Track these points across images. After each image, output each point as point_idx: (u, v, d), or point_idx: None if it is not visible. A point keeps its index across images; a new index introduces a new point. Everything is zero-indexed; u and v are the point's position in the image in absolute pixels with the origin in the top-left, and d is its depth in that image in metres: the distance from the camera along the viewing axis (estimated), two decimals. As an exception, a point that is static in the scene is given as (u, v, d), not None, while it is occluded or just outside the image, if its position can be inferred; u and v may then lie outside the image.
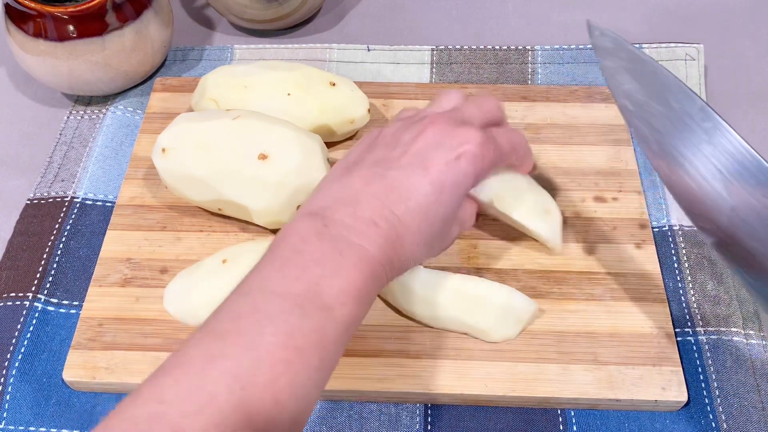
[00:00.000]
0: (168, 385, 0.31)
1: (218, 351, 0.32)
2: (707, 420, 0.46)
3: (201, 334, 0.33)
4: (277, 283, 0.35)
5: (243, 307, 0.34)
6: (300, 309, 0.34)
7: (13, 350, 0.49)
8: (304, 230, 0.38)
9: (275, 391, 0.32)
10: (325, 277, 0.36)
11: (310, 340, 0.34)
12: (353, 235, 0.38)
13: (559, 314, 0.49)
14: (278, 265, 0.36)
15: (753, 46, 0.69)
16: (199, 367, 0.31)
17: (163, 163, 0.52)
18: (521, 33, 0.70)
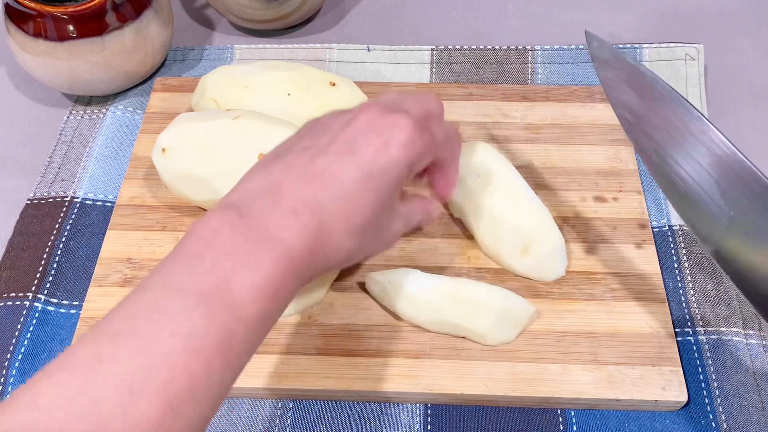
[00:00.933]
0: (46, 391, 0.28)
1: (108, 352, 0.29)
2: (707, 420, 0.46)
3: (92, 335, 0.30)
4: (182, 279, 0.32)
5: (140, 305, 0.31)
6: (205, 306, 0.31)
7: (13, 350, 0.49)
8: (217, 222, 0.35)
9: (169, 396, 0.29)
10: (236, 271, 0.33)
11: (213, 340, 0.31)
12: (270, 225, 0.35)
13: (559, 314, 0.49)
14: (185, 259, 0.33)
15: (753, 46, 0.69)
16: (83, 370, 0.28)
17: (163, 163, 0.52)
18: (521, 33, 0.70)
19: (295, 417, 0.46)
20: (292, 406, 0.47)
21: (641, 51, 0.65)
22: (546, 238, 0.50)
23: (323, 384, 0.46)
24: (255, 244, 0.34)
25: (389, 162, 0.39)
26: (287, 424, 0.46)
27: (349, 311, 0.49)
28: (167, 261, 0.34)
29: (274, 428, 0.46)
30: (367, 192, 0.38)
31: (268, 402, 0.47)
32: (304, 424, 0.46)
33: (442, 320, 0.47)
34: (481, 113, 0.61)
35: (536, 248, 0.50)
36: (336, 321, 0.49)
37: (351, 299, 0.50)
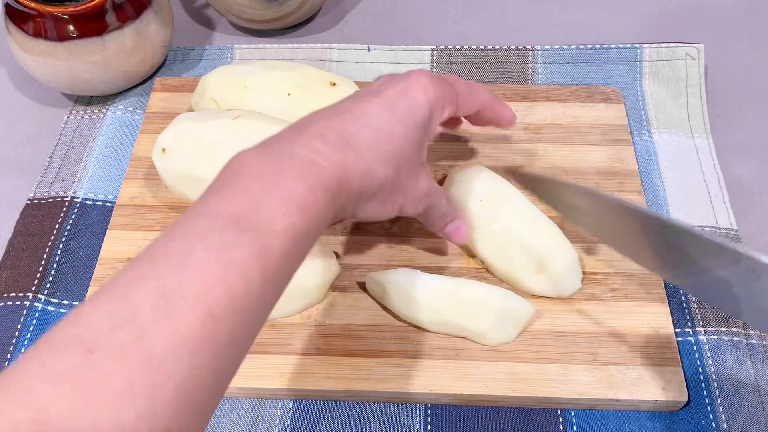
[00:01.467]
0: (88, 311, 0.29)
1: (145, 273, 0.30)
2: (707, 420, 0.46)
3: (131, 263, 0.31)
4: (213, 204, 0.33)
5: (175, 231, 0.32)
6: (236, 225, 0.32)
7: (13, 350, 0.49)
8: (245, 155, 0.36)
9: (208, 304, 0.29)
10: (264, 190, 0.34)
11: (247, 252, 0.31)
12: (296, 147, 0.36)
13: (558, 314, 0.49)
14: (216, 188, 0.35)
15: (753, 46, 0.69)
16: (122, 291, 0.29)
17: (163, 163, 0.52)
18: (521, 33, 0.70)
19: (295, 417, 0.46)
20: (292, 406, 0.47)
21: (641, 51, 0.65)
22: (560, 255, 0.49)
23: (323, 384, 0.46)
24: (280, 164, 0.35)
25: (411, 101, 0.42)
26: (287, 424, 0.46)
27: (349, 311, 0.49)
28: (202, 195, 0.35)
29: (274, 428, 0.46)
30: (395, 124, 0.41)
31: (268, 402, 0.47)
32: (304, 424, 0.46)
33: (442, 320, 0.47)
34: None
35: (551, 266, 0.49)
36: (336, 321, 0.49)
37: (351, 299, 0.50)
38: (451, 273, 0.51)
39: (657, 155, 0.59)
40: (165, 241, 0.32)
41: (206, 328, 0.29)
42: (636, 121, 0.61)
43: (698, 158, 0.59)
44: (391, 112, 0.41)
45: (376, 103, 0.41)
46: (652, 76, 0.64)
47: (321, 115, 0.40)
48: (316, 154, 0.36)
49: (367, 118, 0.40)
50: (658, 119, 0.61)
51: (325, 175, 0.36)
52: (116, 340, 0.27)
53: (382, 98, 0.41)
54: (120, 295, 0.29)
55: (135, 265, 0.31)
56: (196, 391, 0.28)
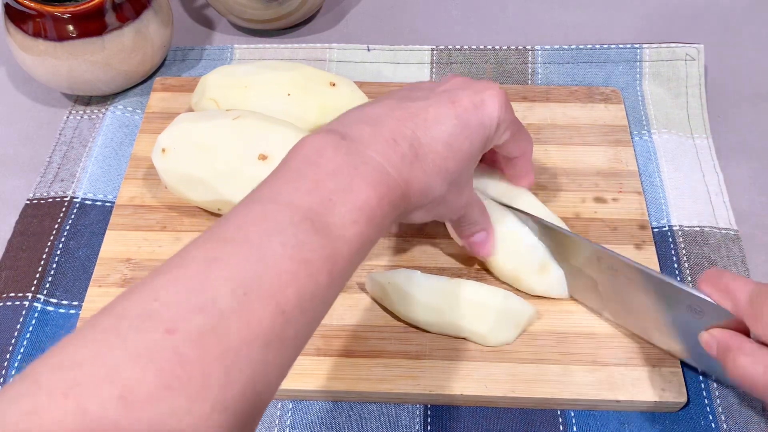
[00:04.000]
0: (164, 284, 0.29)
1: (222, 255, 0.30)
2: (707, 420, 0.46)
3: (204, 238, 0.31)
4: (289, 194, 0.33)
5: (251, 215, 0.32)
6: (310, 222, 0.32)
7: (12, 350, 0.49)
8: (320, 143, 0.36)
9: (280, 302, 0.30)
10: (338, 192, 0.34)
11: (319, 254, 0.32)
12: (370, 150, 0.36)
13: (559, 315, 0.49)
14: (291, 176, 0.35)
15: (753, 46, 0.69)
16: (200, 269, 0.29)
17: (163, 163, 0.52)
18: (521, 33, 0.70)
19: (295, 417, 0.46)
20: (292, 406, 0.47)
21: (641, 51, 0.65)
22: (554, 264, 0.50)
23: (323, 384, 0.46)
24: (356, 167, 0.35)
25: (485, 116, 0.41)
26: (287, 424, 0.46)
27: (349, 311, 0.49)
28: (272, 177, 0.35)
29: (274, 428, 0.46)
30: (464, 140, 0.40)
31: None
32: (304, 424, 0.46)
33: (442, 321, 0.47)
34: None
35: (551, 268, 0.49)
36: (336, 321, 0.49)
37: (351, 299, 0.50)
38: (451, 273, 0.51)
39: (657, 155, 0.59)
40: (238, 225, 0.32)
41: (276, 325, 0.29)
42: (636, 122, 0.61)
43: (698, 158, 0.59)
44: (464, 125, 0.40)
45: (451, 112, 0.40)
46: (652, 76, 0.64)
47: (393, 111, 0.39)
48: (389, 164, 0.36)
49: (439, 129, 0.39)
50: (658, 119, 0.61)
51: (394, 188, 0.36)
52: (195, 324, 0.27)
53: (458, 108, 0.40)
54: (196, 275, 0.29)
55: (205, 243, 0.31)
56: (262, 385, 0.29)
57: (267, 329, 0.29)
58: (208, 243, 0.31)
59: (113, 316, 0.28)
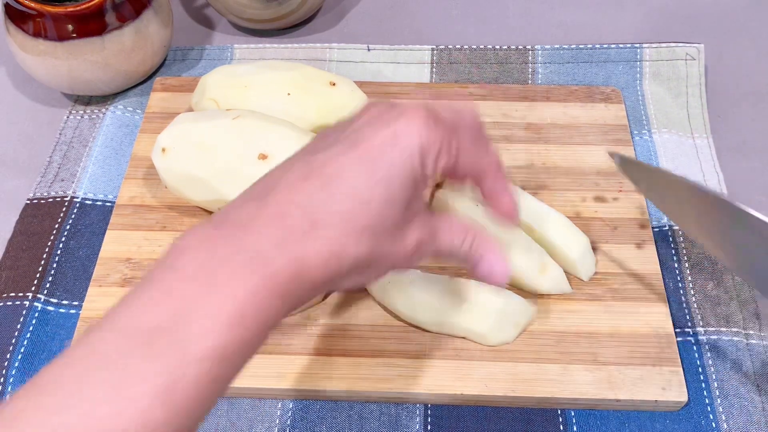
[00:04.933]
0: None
1: (25, 409, 0.26)
2: (707, 420, 0.46)
3: (27, 385, 0.27)
4: (132, 314, 0.28)
5: (79, 350, 0.28)
6: (147, 347, 0.27)
7: (12, 350, 0.49)
8: (189, 240, 0.30)
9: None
10: (194, 297, 0.28)
11: (151, 387, 0.26)
12: (249, 235, 0.30)
13: (559, 314, 0.49)
14: (143, 289, 0.29)
15: (753, 46, 0.69)
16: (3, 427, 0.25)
17: (163, 163, 0.52)
18: (521, 33, 0.70)
19: (295, 417, 0.46)
20: (292, 406, 0.47)
21: (641, 51, 0.65)
22: (573, 242, 0.50)
23: (323, 384, 0.46)
24: (223, 261, 0.29)
25: (398, 153, 0.34)
26: (287, 424, 0.46)
27: (349, 311, 0.49)
28: (128, 293, 0.30)
29: (273, 428, 0.46)
30: (375, 187, 0.33)
31: (268, 402, 0.47)
32: (304, 424, 0.46)
33: (442, 320, 0.47)
34: (481, 113, 0.60)
35: (566, 255, 0.49)
36: (336, 321, 0.49)
37: (351, 299, 0.50)
38: (451, 273, 0.51)
39: (657, 155, 0.59)
40: (63, 364, 0.27)
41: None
42: (636, 121, 0.61)
43: (698, 158, 0.59)
44: (371, 171, 0.33)
45: (354, 158, 0.33)
46: (652, 76, 0.64)
47: (289, 175, 0.33)
48: (270, 245, 0.30)
49: (339, 183, 0.32)
50: (658, 119, 0.61)
51: (275, 273, 0.30)
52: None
53: (363, 151, 0.33)
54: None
55: (27, 390, 0.27)
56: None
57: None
58: (26, 392, 0.27)
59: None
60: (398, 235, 0.35)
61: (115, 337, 0.28)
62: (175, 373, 0.27)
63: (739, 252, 0.42)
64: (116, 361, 0.27)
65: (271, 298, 0.29)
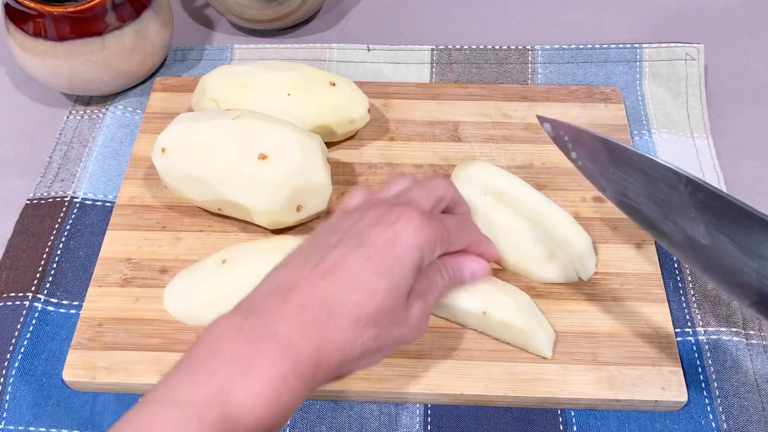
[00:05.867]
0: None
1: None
2: (707, 420, 0.46)
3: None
4: (182, 390, 0.32)
5: (137, 422, 0.31)
6: (199, 420, 0.31)
7: (12, 350, 0.49)
8: (224, 327, 0.35)
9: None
10: (236, 377, 0.32)
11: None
12: (276, 324, 0.35)
13: (559, 314, 0.49)
14: (188, 368, 0.33)
15: (753, 46, 0.69)
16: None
17: (163, 163, 0.52)
18: (521, 33, 0.70)
19: (295, 417, 0.46)
20: (292, 406, 0.47)
21: (641, 51, 0.65)
22: (575, 239, 0.49)
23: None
24: (257, 346, 0.34)
25: (400, 250, 0.38)
26: (287, 424, 0.46)
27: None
28: (172, 371, 0.34)
29: (274, 428, 0.46)
30: (379, 279, 0.37)
31: (268, 402, 0.47)
32: (304, 424, 0.46)
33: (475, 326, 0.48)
34: (481, 113, 0.61)
35: (567, 252, 0.49)
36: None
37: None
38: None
39: (657, 155, 0.59)
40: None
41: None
42: (636, 121, 0.61)
43: (698, 158, 0.59)
44: (376, 266, 0.37)
45: (360, 256, 0.38)
46: (652, 76, 0.64)
47: (303, 269, 0.38)
48: (297, 334, 0.34)
49: (350, 279, 0.37)
50: (658, 119, 0.61)
51: (302, 359, 0.34)
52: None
53: (368, 249, 0.38)
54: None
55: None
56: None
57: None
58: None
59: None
60: (401, 317, 0.39)
61: (169, 410, 0.31)
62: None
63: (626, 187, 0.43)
64: (173, 430, 0.30)
65: (298, 381, 0.34)
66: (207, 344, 0.34)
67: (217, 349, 0.34)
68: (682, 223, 0.41)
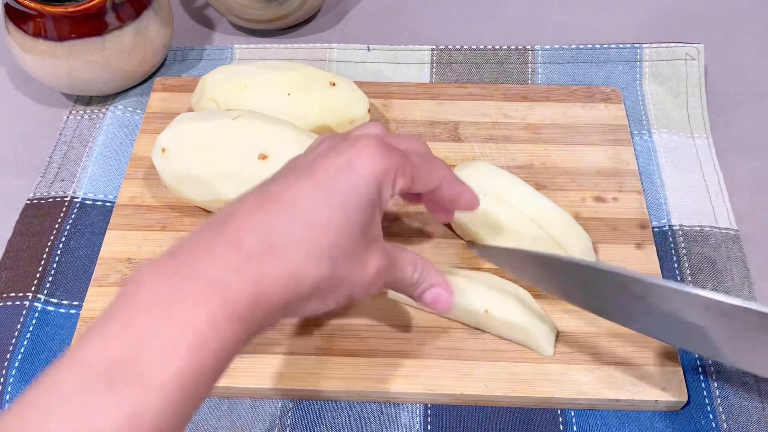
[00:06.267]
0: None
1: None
2: (707, 420, 0.46)
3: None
4: (93, 348, 0.28)
5: (43, 387, 0.28)
6: (107, 380, 0.27)
7: (12, 350, 0.49)
8: (144, 273, 0.31)
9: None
10: (153, 327, 0.28)
11: (113, 420, 0.26)
12: (204, 263, 0.31)
13: (558, 314, 0.49)
14: (102, 323, 0.29)
15: (753, 46, 0.69)
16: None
17: (162, 163, 0.52)
18: (521, 33, 0.70)
19: (295, 417, 0.46)
20: (292, 406, 0.47)
21: (641, 51, 0.65)
22: (575, 240, 0.49)
23: (323, 384, 0.46)
24: (179, 288, 0.30)
25: (353, 179, 0.35)
26: (287, 424, 0.46)
27: (350, 311, 0.49)
28: (87, 329, 0.30)
29: (274, 428, 0.46)
30: (332, 211, 0.34)
31: (268, 402, 0.47)
32: (304, 424, 0.46)
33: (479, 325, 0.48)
34: (481, 113, 0.61)
35: (567, 251, 0.49)
36: (336, 321, 0.49)
37: (351, 299, 0.50)
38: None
39: (657, 155, 0.59)
40: (27, 403, 0.27)
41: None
42: (636, 121, 0.61)
43: (698, 158, 0.59)
44: (327, 195, 0.34)
45: (309, 185, 0.34)
46: (652, 76, 0.64)
47: (245, 205, 0.34)
48: (227, 270, 0.31)
49: (296, 208, 0.33)
50: (658, 119, 0.61)
51: (233, 297, 0.30)
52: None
53: (318, 177, 0.35)
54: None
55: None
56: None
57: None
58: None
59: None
60: (357, 261, 0.36)
61: (77, 372, 0.28)
62: (136, 404, 0.27)
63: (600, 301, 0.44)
64: (77, 395, 0.27)
65: (231, 322, 0.30)
66: (124, 294, 0.30)
67: (133, 298, 0.30)
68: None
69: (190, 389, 0.28)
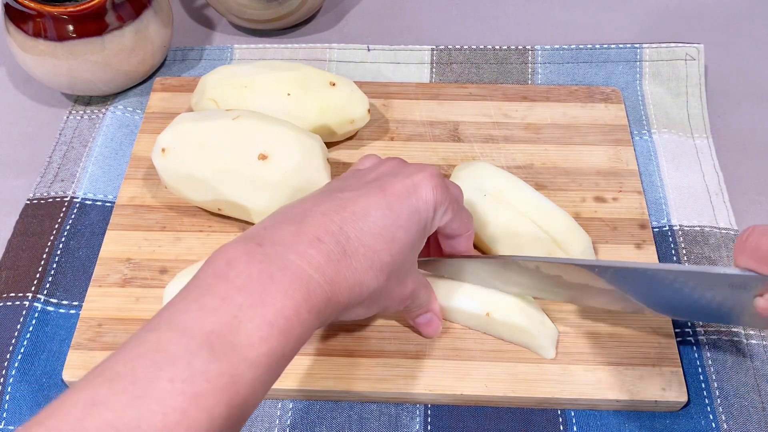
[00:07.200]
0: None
1: (102, 398, 0.28)
2: (707, 420, 0.46)
3: (91, 377, 0.29)
4: (190, 317, 0.31)
5: (144, 345, 0.30)
6: (208, 349, 0.29)
7: (12, 350, 0.49)
8: (233, 253, 0.33)
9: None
10: (247, 307, 0.31)
11: (214, 385, 0.29)
12: (290, 253, 0.33)
13: (559, 314, 0.49)
14: (196, 295, 0.32)
15: (753, 46, 0.69)
16: (76, 417, 0.27)
17: (162, 163, 0.52)
18: (521, 33, 0.70)
19: (295, 417, 0.46)
20: (292, 406, 0.47)
21: (641, 51, 0.65)
22: (575, 239, 0.49)
23: (323, 384, 0.46)
24: (270, 275, 0.32)
25: (419, 202, 0.39)
26: (287, 424, 0.46)
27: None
28: (178, 297, 0.32)
29: (274, 428, 0.46)
30: (397, 230, 0.37)
31: (268, 402, 0.47)
32: (304, 424, 0.46)
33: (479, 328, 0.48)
34: (481, 113, 0.61)
35: (567, 251, 0.49)
36: (336, 321, 0.49)
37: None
38: None
39: (657, 155, 0.59)
40: (129, 358, 0.29)
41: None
42: (636, 121, 0.61)
43: (698, 158, 0.59)
44: (396, 214, 0.38)
45: (380, 201, 0.38)
46: (652, 76, 0.64)
47: (321, 205, 0.37)
48: (311, 267, 0.34)
49: (368, 221, 0.37)
50: (658, 119, 0.61)
51: (315, 292, 0.33)
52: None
53: (389, 196, 0.38)
54: (72, 423, 0.27)
55: (90, 381, 0.29)
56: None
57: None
58: (93, 382, 0.29)
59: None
60: (402, 279, 0.39)
61: (179, 339, 0.30)
62: (235, 375, 0.29)
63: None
64: (183, 358, 0.29)
65: (310, 314, 0.33)
66: (215, 270, 0.33)
67: (226, 275, 0.32)
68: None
69: (273, 369, 0.31)
